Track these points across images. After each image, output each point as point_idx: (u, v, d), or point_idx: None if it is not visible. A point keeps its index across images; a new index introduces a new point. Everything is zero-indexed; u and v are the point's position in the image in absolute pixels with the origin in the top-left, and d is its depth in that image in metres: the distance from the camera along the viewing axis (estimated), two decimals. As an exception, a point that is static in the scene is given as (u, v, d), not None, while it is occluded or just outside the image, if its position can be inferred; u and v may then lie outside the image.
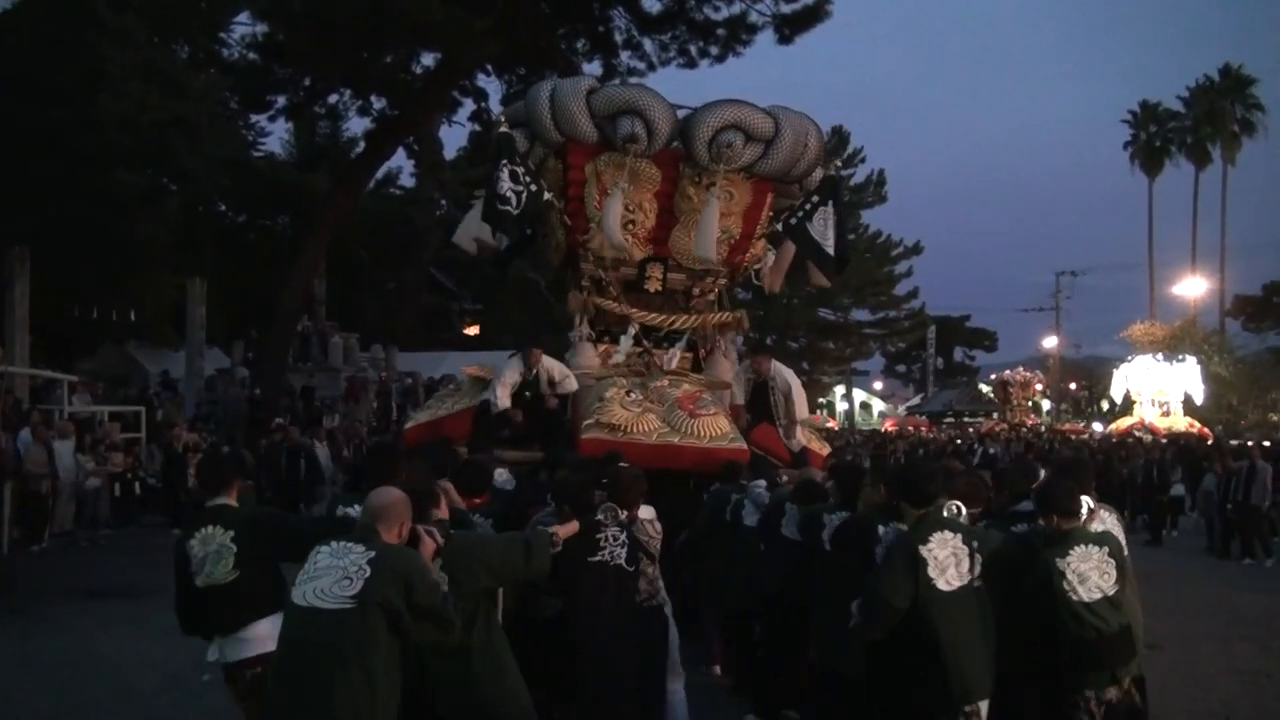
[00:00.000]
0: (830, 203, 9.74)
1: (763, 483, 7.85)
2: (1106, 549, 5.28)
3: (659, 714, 6.08)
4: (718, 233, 9.95)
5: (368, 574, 4.02)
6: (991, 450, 27.82)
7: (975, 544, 5.25)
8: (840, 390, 65.60)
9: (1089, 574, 5.20)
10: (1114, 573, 5.24)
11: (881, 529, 5.52)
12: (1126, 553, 5.50)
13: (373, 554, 4.09)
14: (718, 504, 7.77)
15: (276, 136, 42.21)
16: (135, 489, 12.80)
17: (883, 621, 5.12)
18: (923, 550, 5.11)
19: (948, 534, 5.20)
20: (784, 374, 10.43)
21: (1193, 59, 68.48)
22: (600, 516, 5.57)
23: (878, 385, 75.81)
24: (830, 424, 56.96)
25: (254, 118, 33.02)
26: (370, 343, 33.60)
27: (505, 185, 9.16)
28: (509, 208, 9.23)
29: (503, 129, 9.80)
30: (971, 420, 52.79)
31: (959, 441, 29.59)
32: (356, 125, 34.32)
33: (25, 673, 8.59)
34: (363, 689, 3.93)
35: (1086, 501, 5.45)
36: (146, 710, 7.57)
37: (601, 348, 10.46)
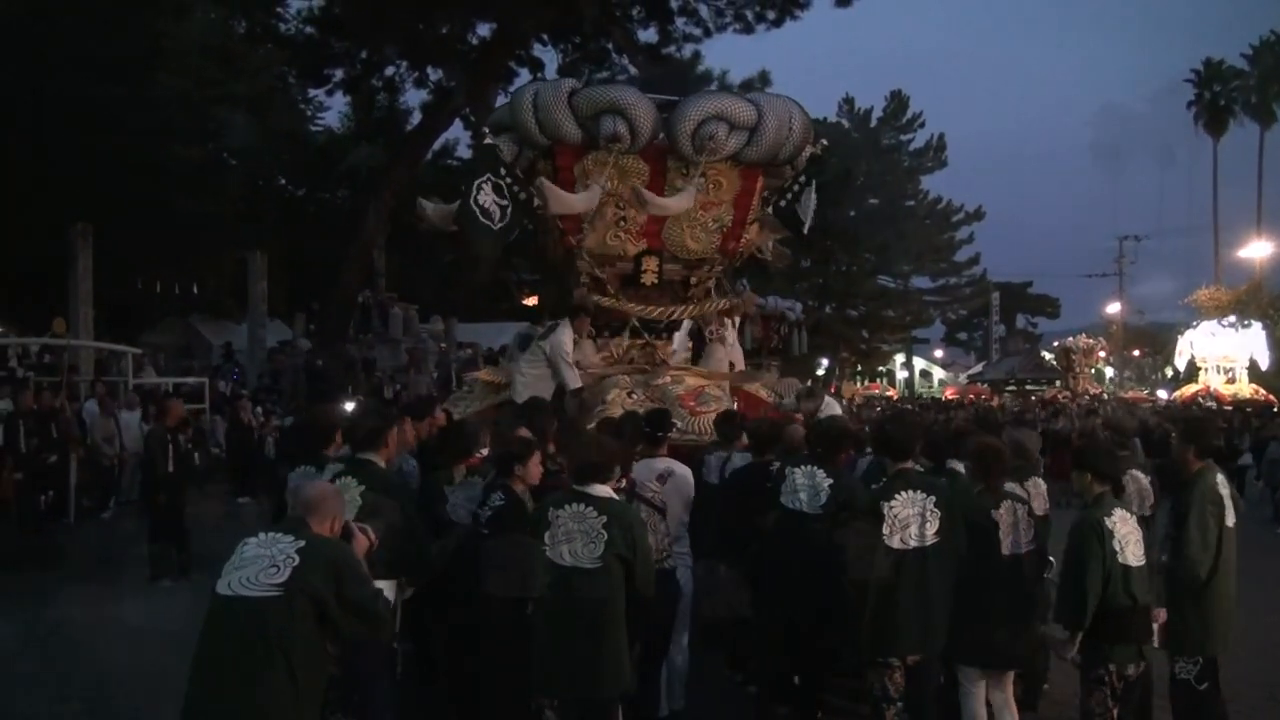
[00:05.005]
0: (813, 181, 9.69)
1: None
2: (1134, 518, 5.33)
3: (656, 672, 6.23)
4: (709, 222, 9.98)
5: (296, 562, 3.97)
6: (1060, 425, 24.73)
7: (942, 502, 5.38)
8: (900, 358, 65.24)
9: (1129, 537, 5.18)
10: (1143, 546, 5.26)
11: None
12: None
13: (303, 543, 4.04)
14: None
15: (335, 110, 42.47)
16: (195, 459, 12.98)
17: None
18: (882, 505, 5.30)
19: (917, 494, 5.34)
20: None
21: (1258, 13, 66.67)
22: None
23: (938, 353, 75.24)
24: (890, 393, 56.71)
25: (312, 92, 33.23)
26: (429, 314, 33.75)
27: (489, 198, 8.96)
28: (490, 222, 9.01)
29: (487, 140, 9.58)
30: (1034, 388, 52.09)
31: (1028, 416, 26.82)
32: (413, 98, 34.34)
33: (93, 640, 8.76)
34: (284, 678, 3.88)
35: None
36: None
37: (600, 343, 10.47)
